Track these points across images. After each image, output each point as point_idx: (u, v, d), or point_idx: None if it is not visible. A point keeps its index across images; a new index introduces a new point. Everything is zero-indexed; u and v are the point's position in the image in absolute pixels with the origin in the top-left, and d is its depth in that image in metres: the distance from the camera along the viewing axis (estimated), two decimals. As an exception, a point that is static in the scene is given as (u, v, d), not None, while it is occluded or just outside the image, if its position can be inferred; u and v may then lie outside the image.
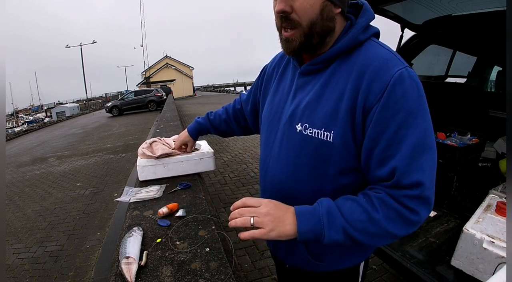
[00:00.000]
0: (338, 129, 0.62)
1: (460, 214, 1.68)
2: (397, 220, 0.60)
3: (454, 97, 2.07)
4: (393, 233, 0.61)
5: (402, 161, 0.58)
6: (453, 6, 1.86)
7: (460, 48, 2.86)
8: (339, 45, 0.65)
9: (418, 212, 0.60)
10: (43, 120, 27.50)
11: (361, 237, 0.61)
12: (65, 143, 9.55)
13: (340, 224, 0.61)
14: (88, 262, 2.62)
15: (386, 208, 0.60)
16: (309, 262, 0.77)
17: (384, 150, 0.59)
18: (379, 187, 0.63)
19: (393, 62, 0.60)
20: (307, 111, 0.67)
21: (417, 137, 0.58)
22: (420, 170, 0.58)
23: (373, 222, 0.60)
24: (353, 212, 0.60)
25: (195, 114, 12.96)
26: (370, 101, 0.59)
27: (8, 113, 48.30)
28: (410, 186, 0.58)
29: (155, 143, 2.02)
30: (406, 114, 0.57)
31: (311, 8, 0.61)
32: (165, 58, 34.96)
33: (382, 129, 0.59)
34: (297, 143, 0.69)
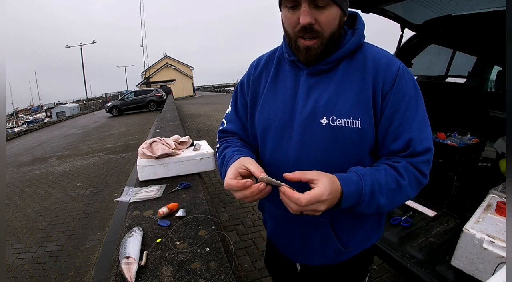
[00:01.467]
0: (364, 116, 0.72)
1: (460, 214, 1.68)
2: (414, 184, 0.73)
3: (454, 97, 2.06)
4: (410, 196, 0.74)
5: (414, 133, 0.71)
6: (453, 6, 1.86)
7: (460, 48, 2.86)
8: (347, 47, 0.74)
9: (427, 174, 0.74)
10: (43, 120, 27.49)
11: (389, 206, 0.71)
12: (65, 143, 9.55)
13: (376, 202, 0.69)
14: (88, 262, 2.62)
15: (408, 174, 0.71)
16: (339, 253, 0.82)
17: (398, 127, 0.72)
18: (398, 158, 0.73)
19: (393, 59, 0.75)
20: (331, 106, 0.73)
21: (421, 115, 0.73)
22: (428, 138, 0.73)
23: (401, 189, 0.70)
24: (387, 182, 0.69)
25: (195, 114, 12.96)
26: (386, 89, 0.72)
27: (8, 113, 48.30)
28: (424, 152, 0.72)
29: (155, 143, 2.02)
30: (409, 98, 0.72)
31: (334, 20, 0.69)
32: (165, 58, 34.95)
33: (396, 109, 0.71)
34: (324, 136, 0.73)
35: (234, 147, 0.86)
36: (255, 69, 0.87)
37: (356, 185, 0.66)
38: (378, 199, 0.68)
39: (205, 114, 12.70)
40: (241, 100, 0.90)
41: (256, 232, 2.78)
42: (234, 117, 0.92)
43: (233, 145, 0.87)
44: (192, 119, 11.42)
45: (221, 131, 0.95)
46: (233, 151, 0.82)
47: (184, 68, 35.79)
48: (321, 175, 0.64)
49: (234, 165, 0.73)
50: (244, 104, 0.90)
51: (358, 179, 0.67)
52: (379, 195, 0.68)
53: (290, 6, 0.68)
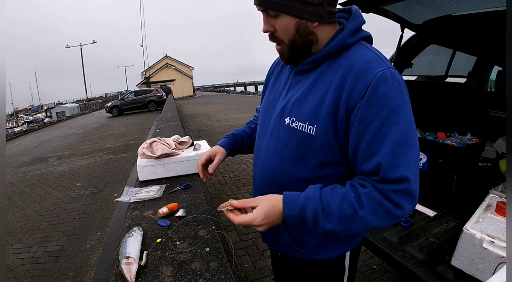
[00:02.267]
0: (320, 124, 0.68)
1: (460, 214, 1.68)
2: (382, 214, 0.63)
3: (454, 97, 2.06)
4: (375, 225, 0.65)
5: (386, 156, 0.61)
6: (453, 6, 1.86)
7: (460, 48, 2.86)
8: (328, 47, 0.70)
9: (403, 206, 0.63)
10: (43, 120, 27.49)
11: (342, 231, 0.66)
12: (65, 143, 9.55)
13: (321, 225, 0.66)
14: (88, 262, 2.62)
15: (372, 202, 0.63)
16: (292, 249, 0.82)
17: (369, 145, 0.63)
18: (368, 180, 0.66)
19: (377, 63, 0.64)
20: (296, 106, 0.73)
21: (400, 133, 0.61)
22: (404, 165, 0.61)
23: (358, 217, 0.63)
24: (341, 209, 0.64)
25: (195, 114, 12.96)
26: (353, 100, 0.63)
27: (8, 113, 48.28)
28: (396, 181, 0.62)
29: (155, 143, 2.02)
30: (389, 111, 0.61)
31: (287, 29, 0.69)
32: (165, 58, 34.95)
33: (366, 125, 0.62)
34: (284, 135, 0.76)
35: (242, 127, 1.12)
36: (272, 65, 0.96)
37: (299, 208, 0.66)
38: (324, 224, 0.65)
39: (205, 114, 12.70)
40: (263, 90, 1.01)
41: (256, 232, 2.78)
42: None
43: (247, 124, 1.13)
44: (192, 119, 11.42)
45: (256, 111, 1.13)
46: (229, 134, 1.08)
47: (184, 68, 35.78)
48: (261, 201, 0.68)
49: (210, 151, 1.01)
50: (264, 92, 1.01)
51: (304, 202, 0.66)
52: (325, 220, 0.65)
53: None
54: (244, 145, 1.07)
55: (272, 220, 0.67)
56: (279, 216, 0.67)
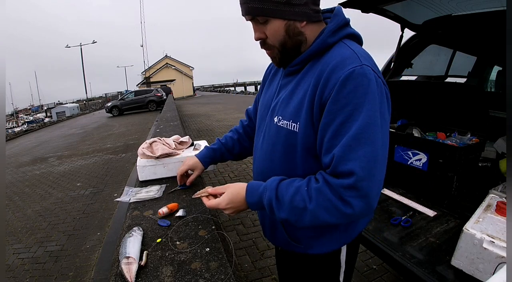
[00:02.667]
0: (301, 121, 0.72)
1: (460, 214, 1.68)
2: (331, 210, 0.65)
3: (454, 97, 2.06)
4: (325, 221, 0.67)
5: (339, 149, 0.63)
6: (453, 6, 1.86)
7: (460, 48, 2.86)
8: (310, 49, 0.73)
9: (352, 205, 0.63)
10: (43, 120, 27.49)
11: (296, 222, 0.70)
12: (65, 143, 9.55)
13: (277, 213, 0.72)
14: (88, 262, 2.62)
15: (321, 197, 0.65)
16: (289, 243, 0.86)
17: (330, 140, 0.66)
18: (322, 174, 0.69)
19: (351, 60, 0.65)
20: (282, 106, 0.78)
21: (358, 129, 0.62)
22: (354, 160, 0.62)
23: (307, 211, 0.67)
24: (293, 201, 0.68)
25: (195, 114, 12.97)
26: (325, 96, 0.66)
27: (8, 113, 48.28)
28: (344, 174, 0.63)
29: (155, 143, 2.02)
30: (353, 108, 0.62)
31: (277, 32, 0.71)
32: (165, 58, 34.96)
33: (330, 120, 0.65)
34: (273, 133, 0.81)
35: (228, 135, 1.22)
36: (267, 69, 1.00)
37: (258, 196, 0.75)
38: (278, 213, 0.71)
39: (205, 114, 12.70)
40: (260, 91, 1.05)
41: (256, 232, 2.78)
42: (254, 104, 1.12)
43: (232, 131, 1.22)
44: (192, 119, 11.42)
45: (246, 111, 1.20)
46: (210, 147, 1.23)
47: (184, 68, 35.79)
48: (228, 188, 0.82)
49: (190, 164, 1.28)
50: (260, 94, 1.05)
51: (262, 191, 0.74)
52: (278, 210, 0.71)
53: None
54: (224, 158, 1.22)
55: (237, 205, 0.79)
56: (242, 202, 0.78)
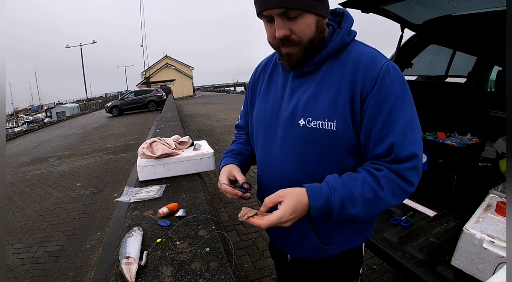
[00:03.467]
0: (340, 119, 0.70)
1: (460, 213, 1.68)
2: (398, 193, 0.69)
3: (454, 97, 2.06)
4: (391, 204, 0.70)
5: (397, 137, 0.68)
6: (453, 6, 1.86)
7: (460, 48, 2.86)
8: (330, 48, 0.73)
9: (413, 182, 0.70)
10: (43, 120, 27.50)
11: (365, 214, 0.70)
12: (65, 143, 9.55)
13: (347, 211, 0.68)
14: (88, 262, 2.62)
15: (389, 184, 0.68)
16: (318, 250, 0.82)
17: (381, 130, 0.69)
18: (381, 163, 0.70)
19: (379, 57, 0.71)
20: (308, 107, 0.74)
21: (407, 117, 0.69)
22: (413, 144, 0.69)
23: (378, 199, 0.68)
24: (363, 193, 0.68)
25: (195, 114, 12.96)
26: (365, 90, 0.68)
27: (8, 113, 48.28)
28: (408, 158, 0.68)
29: (155, 143, 2.02)
30: (395, 98, 0.68)
31: (309, 28, 0.69)
32: (165, 58, 34.95)
33: (377, 112, 0.68)
34: (301, 137, 0.75)
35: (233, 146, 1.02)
36: (256, 71, 0.94)
37: (325, 198, 0.67)
38: (350, 210, 0.68)
39: (205, 114, 12.70)
40: (246, 100, 0.99)
41: (256, 232, 2.78)
42: (243, 114, 1.04)
43: (237, 141, 1.03)
44: (192, 119, 11.42)
45: (235, 126, 1.10)
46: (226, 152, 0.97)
47: (184, 68, 35.78)
48: (287, 195, 0.67)
49: (225, 171, 0.86)
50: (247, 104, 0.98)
51: (328, 192, 0.68)
52: (351, 206, 0.68)
53: (266, 20, 0.71)
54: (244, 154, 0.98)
55: (299, 214, 0.68)
56: (305, 208, 0.68)
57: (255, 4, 0.69)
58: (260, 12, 0.68)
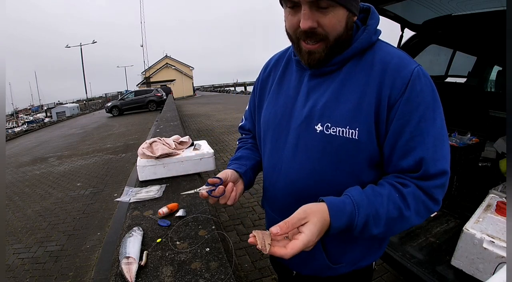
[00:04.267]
0: (363, 126, 0.63)
1: (460, 213, 1.68)
2: (423, 212, 0.63)
3: (454, 97, 2.07)
4: (414, 224, 0.64)
5: (427, 151, 0.61)
6: (453, 6, 1.86)
7: (460, 48, 2.86)
8: (355, 46, 0.66)
9: (439, 201, 0.64)
10: (43, 120, 27.50)
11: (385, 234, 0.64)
12: (65, 143, 9.55)
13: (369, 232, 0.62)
14: (88, 262, 2.62)
15: (416, 202, 0.62)
16: (327, 268, 0.75)
17: (408, 142, 0.62)
18: (407, 178, 0.64)
19: (408, 60, 0.65)
20: (327, 111, 0.66)
21: (438, 129, 0.62)
22: (443, 159, 0.63)
23: (403, 218, 0.62)
24: (388, 211, 0.61)
25: (195, 114, 12.96)
26: (394, 96, 0.62)
27: (8, 113, 48.28)
28: (437, 175, 0.62)
29: (155, 143, 2.02)
30: (425, 107, 0.61)
31: (339, 23, 0.62)
32: (165, 58, 34.96)
33: (406, 121, 0.62)
34: (317, 143, 0.67)
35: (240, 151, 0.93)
36: (265, 69, 0.86)
37: (348, 217, 0.60)
38: (372, 230, 0.61)
39: (205, 114, 12.70)
40: (253, 99, 0.91)
41: (256, 232, 2.77)
42: (249, 115, 0.95)
43: (244, 147, 0.94)
44: (192, 119, 11.42)
45: (240, 128, 1.01)
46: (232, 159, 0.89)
47: (184, 68, 35.79)
48: (310, 216, 0.58)
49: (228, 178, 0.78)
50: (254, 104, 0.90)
51: (352, 210, 0.60)
52: (374, 226, 0.61)
53: (290, 6, 0.62)
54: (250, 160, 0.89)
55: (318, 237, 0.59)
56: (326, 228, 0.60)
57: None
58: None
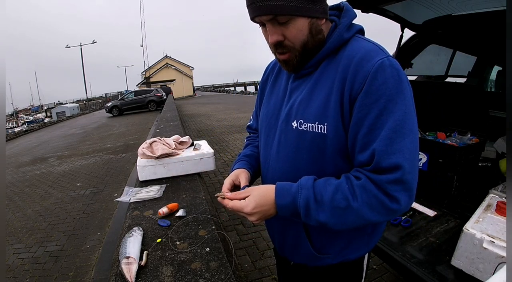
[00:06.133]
0: (330, 121, 0.66)
1: (460, 213, 1.68)
2: (377, 207, 0.61)
3: (454, 97, 2.07)
4: (371, 220, 0.63)
5: (380, 143, 0.60)
6: (453, 6, 1.86)
7: (460, 48, 2.86)
8: (326, 47, 0.69)
9: (399, 199, 0.60)
10: (43, 120, 27.50)
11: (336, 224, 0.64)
12: (65, 143, 9.55)
13: (314, 216, 0.64)
14: (88, 262, 2.62)
15: (366, 195, 0.61)
16: (314, 257, 0.79)
17: (366, 135, 0.62)
18: (362, 171, 0.64)
19: (375, 52, 0.64)
20: (301, 108, 0.72)
21: (396, 121, 0.60)
22: (399, 152, 0.60)
23: (351, 210, 0.62)
24: (334, 199, 0.63)
25: (195, 114, 12.97)
26: (355, 90, 0.63)
27: (8, 113, 48.29)
28: (390, 169, 0.60)
29: (155, 143, 2.02)
30: (386, 100, 0.61)
31: (301, 32, 0.66)
32: (165, 58, 34.96)
33: (364, 114, 0.62)
34: (294, 139, 0.73)
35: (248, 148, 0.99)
36: (264, 73, 0.94)
37: (292, 197, 0.66)
38: (317, 215, 0.64)
39: (205, 114, 12.70)
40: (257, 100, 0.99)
41: (256, 232, 2.78)
42: (255, 115, 1.02)
43: (252, 144, 1.00)
44: (192, 119, 11.42)
45: (247, 127, 1.07)
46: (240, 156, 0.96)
47: (184, 68, 35.79)
48: (253, 191, 0.69)
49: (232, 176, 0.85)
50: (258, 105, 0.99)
51: (297, 191, 0.65)
52: (317, 210, 0.63)
53: (260, 25, 0.69)
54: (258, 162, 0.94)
55: (264, 209, 0.68)
56: (271, 205, 0.67)
57: (248, 11, 0.67)
58: (252, 19, 0.67)
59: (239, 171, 0.86)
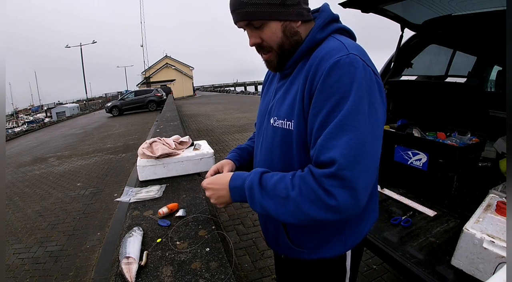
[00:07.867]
0: (296, 118, 0.71)
1: (460, 213, 1.68)
2: (315, 202, 0.61)
3: (454, 97, 2.06)
4: (310, 215, 0.62)
5: (322, 138, 0.62)
6: (453, 6, 1.86)
7: (460, 48, 2.86)
8: (301, 48, 0.73)
9: (335, 195, 0.59)
10: (43, 120, 27.49)
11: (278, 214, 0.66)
12: (65, 143, 9.55)
13: (258, 200, 0.68)
14: (88, 262, 2.62)
15: (305, 186, 0.62)
16: (292, 249, 0.83)
17: (317, 131, 0.64)
18: (309, 166, 0.66)
19: (337, 51, 0.64)
20: (277, 107, 0.79)
21: (342, 117, 0.60)
22: (336, 148, 0.59)
23: (290, 199, 0.63)
24: (276, 188, 0.66)
25: (195, 114, 12.96)
26: (314, 87, 0.66)
27: (8, 113, 48.28)
28: (326, 163, 0.61)
29: (155, 143, 2.02)
30: (340, 97, 0.61)
31: (275, 34, 0.71)
32: (165, 58, 34.95)
33: (317, 111, 0.64)
34: (270, 135, 0.81)
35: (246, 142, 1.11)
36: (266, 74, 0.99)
37: (242, 180, 0.73)
38: (261, 200, 0.67)
39: (205, 114, 12.70)
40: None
41: (256, 232, 2.78)
42: None
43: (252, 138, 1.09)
44: (192, 119, 11.42)
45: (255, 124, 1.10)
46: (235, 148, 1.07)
47: (184, 68, 35.78)
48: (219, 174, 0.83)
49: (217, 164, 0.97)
50: None
51: (247, 176, 0.73)
52: (261, 196, 0.67)
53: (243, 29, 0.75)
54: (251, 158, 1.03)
55: (217, 188, 0.79)
56: (224, 185, 0.76)
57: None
58: (235, 23, 0.74)
59: (225, 161, 0.97)
